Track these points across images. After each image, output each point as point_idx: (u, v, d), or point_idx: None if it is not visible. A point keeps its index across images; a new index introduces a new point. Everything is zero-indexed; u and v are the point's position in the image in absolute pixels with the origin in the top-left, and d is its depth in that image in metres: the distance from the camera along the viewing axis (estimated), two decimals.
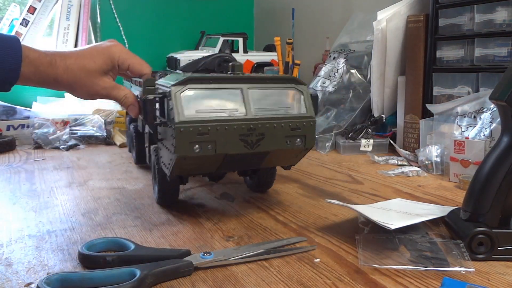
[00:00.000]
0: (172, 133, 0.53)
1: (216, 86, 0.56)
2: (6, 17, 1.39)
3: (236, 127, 0.55)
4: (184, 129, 0.52)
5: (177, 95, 0.53)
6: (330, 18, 1.53)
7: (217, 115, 0.54)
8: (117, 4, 1.61)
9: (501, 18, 0.82)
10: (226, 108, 0.56)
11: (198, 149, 0.53)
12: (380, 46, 1.03)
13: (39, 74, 0.59)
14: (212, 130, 0.54)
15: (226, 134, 0.54)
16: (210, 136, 0.54)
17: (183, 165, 0.56)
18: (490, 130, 0.77)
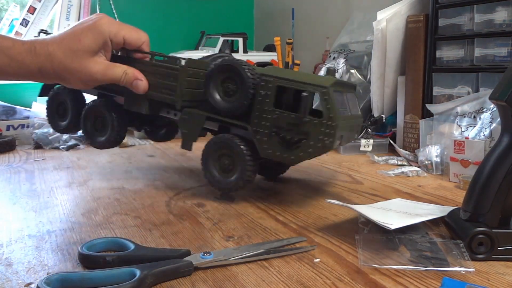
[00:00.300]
0: (326, 128, 0.59)
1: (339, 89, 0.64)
2: (6, 17, 1.39)
3: (350, 125, 0.65)
4: (340, 126, 0.60)
5: (333, 95, 0.60)
6: (330, 18, 1.53)
7: (344, 113, 0.64)
8: (117, 4, 1.61)
9: (501, 18, 0.82)
10: (343, 108, 0.65)
11: (338, 143, 0.62)
12: (380, 46, 1.03)
13: (17, 65, 0.52)
14: (344, 125, 0.62)
15: (348, 128, 0.65)
16: (343, 131, 0.62)
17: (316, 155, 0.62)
18: (490, 130, 0.77)
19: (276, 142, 0.63)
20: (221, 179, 0.67)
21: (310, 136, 0.60)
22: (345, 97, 0.66)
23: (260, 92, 0.62)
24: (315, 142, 0.60)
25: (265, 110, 0.63)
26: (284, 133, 0.62)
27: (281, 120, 0.62)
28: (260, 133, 0.63)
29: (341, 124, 0.60)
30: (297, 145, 0.61)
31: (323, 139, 0.59)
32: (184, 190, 0.76)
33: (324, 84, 0.60)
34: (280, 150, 0.62)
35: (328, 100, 0.59)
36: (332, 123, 0.59)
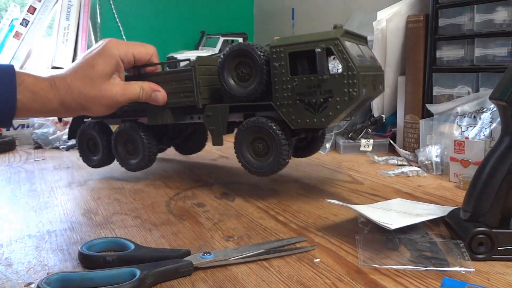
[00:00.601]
0: (348, 80, 0.58)
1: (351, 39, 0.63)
2: (6, 17, 1.39)
3: (371, 73, 0.63)
4: (361, 74, 0.58)
5: (346, 45, 0.58)
6: (330, 18, 1.53)
7: (363, 62, 0.62)
8: (117, 4, 1.61)
9: (501, 18, 0.82)
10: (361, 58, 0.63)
11: (365, 92, 0.60)
12: (380, 46, 1.03)
13: (40, 100, 0.52)
14: (367, 75, 0.61)
15: (370, 79, 0.62)
16: (366, 80, 0.60)
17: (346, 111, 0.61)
18: (490, 130, 0.77)
19: (303, 109, 0.62)
20: (257, 163, 0.67)
21: (334, 92, 0.59)
22: (361, 49, 0.65)
23: (275, 65, 0.62)
24: (341, 96, 0.59)
25: (283, 81, 0.62)
26: (308, 98, 0.61)
27: (301, 85, 0.61)
28: (285, 106, 0.63)
29: (362, 72, 0.59)
30: (324, 105, 0.60)
31: (348, 91, 0.58)
32: (184, 190, 0.76)
33: (335, 36, 0.58)
34: (309, 116, 0.62)
35: (342, 51, 0.58)
36: (352, 72, 0.58)
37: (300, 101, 0.62)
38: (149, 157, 0.79)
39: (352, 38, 0.64)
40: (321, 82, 0.60)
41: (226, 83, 0.67)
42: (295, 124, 0.63)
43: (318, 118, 0.61)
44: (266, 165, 0.66)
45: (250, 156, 0.68)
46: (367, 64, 0.64)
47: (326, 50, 0.59)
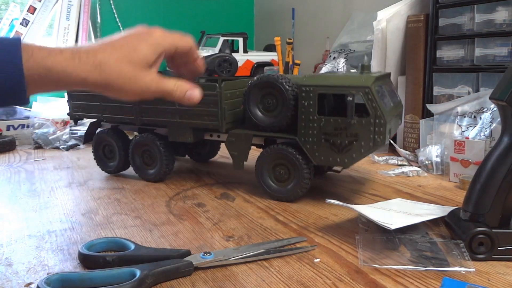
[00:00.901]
0: (376, 126, 0.60)
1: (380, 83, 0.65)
2: (6, 17, 1.39)
3: (394, 116, 0.66)
4: (388, 121, 0.61)
5: (375, 92, 0.60)
6: (330, 18, 1.53)
7: (387, 106, 0.64)
8: (117, 4, 1.61)
9: (501, 18, 0.82)
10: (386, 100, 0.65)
11: (388, 137, 0.63)
12: (380, 46, 1.03)
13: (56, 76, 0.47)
14: (391, 119, 0.63)
15: (392, 122, 0.65)
16: (390, 124, 0.63)
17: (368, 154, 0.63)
18: (490, 130, 0.77)
19: (327, 148, 0.64)
20: (278, 188, 0.69)
21: (360, 136, 0.61)
22: (384, 89, 0.66)
23: (303, 102, 0.64)
24: (366, 141, 0.61)
25: (310, 119, 0.64)
26: (334, 138, 0.63)
27: (328, 125, 0.63)
28: (310, 142, 0.65)
29: (388, 119, 0.61)
30: (348, 147, 0.63)
31: (374, 137, 0.61)
32: (184, 190, 0.76)
33: (366, 84, 0.60)
34: (332, 155, 0.64)
35: (372, 99, 0.60)
36: (381, 121, 0.60)
37: (325, 140, 0.64)
38: (167, 168, 0.80)
39: (380, 80, 0.66)
40: (348, 125, 0.62)
41: (251, 111, 0.68)
42: (318, 161, 0.65)
43: (341, 158, 0.63)
44: (285, 190, 0.68)
45: (271, 180, 0.70)
46: (391, 106, 0.66)
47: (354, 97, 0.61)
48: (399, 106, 0.72)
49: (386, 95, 0.66)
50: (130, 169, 0.93)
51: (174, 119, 0.75)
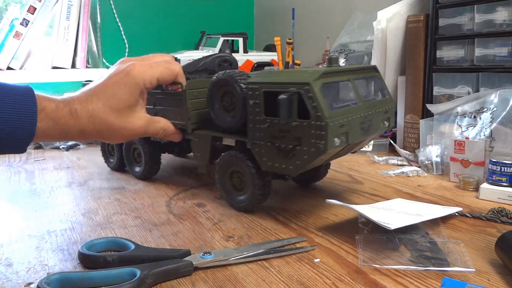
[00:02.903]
0: (317, 130, 0.53)
1: (336, 78, 0.58)
2: (6, 17, 1.39)
3: (359, 116, 0.58)
4: (333, 124, 0.53)
5: (318, 90, 0.53)
6: (330, 18, 1.53)
7: (345, 107, 0.57)
8: (117, 4, 1.61)
9: (501, 18, 0.82)
10: (346, 99, 0.59)
11: (338, 142, 0.55)
12: (380, 46, 1.03)
13: (60, 128, 0.49)
14: (346, 122, 0.55)
15: (353, 124, 0.57)
16: (345, 128, 0.55)
17: (315, 161, 0.56)
18: (490, 130, 0.77)
19: (274, 152, 0.58)
20: (234, 196, 0.65)
21: (302, 140, 0.55)
22: (351, 85, 0.59)
23: (250, 102, 0.58)
24: (308, 147, 0.54)
25: (257, 120, 0.58)
26: (279, 142, 0.57)
27: (273, 128, 0.57)
28: (258, 145, 0.59)
29: (336, 121, 0.53)
30: (292, 153, 0.56)
31: (315, 142, 0.53)
32: (184, 190, 0.76)
33: (306, 80, 0.53)
34: (279, 160, 0.58)
35: (312, 97, 0.52)
36: (320, 123, 0.52)
37: (272, 143, 0.58)
38: (150, 167, 0.81)
39: (341, 75, 0.58)
40: (291, 128, 0.55)
41: (212, 111, 0.65)
42: (266, 166, 0.59)
43: (287, 165, 0.57)
44: (242, 199, 0.64)
45: (230, 187, 0.66)
46: (353, 107, 0.58)
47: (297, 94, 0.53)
48: (377, 106, 0.63)
49: (349, 95, 0.59)
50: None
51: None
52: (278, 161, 0.58)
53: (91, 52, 1.56)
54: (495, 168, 0.69)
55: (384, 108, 0.64)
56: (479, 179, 0.73)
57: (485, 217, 0.60)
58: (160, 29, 1.73)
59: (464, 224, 0.59)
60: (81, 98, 0.51)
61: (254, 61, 1.60)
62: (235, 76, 0.60)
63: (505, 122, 0.74)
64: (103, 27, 1.59)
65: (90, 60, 1.57)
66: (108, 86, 0.53)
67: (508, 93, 0.77)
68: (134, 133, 0.55)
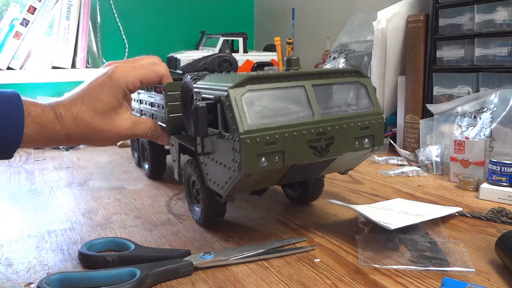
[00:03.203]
0: (234, 146, 0.45)
1: (276, 85, 0.48)
2: (6, 17, 1.39)
3: (305, 133, 0.48)
4: (250, 140, 0.44)
5: (238, 99, 0.45)
6: (330, 18, 1.53)
7: (283, 120, 0.47)
8: (117, 4, 1.61)
9: (501, 18, 0.82)
10: (291, 111, 0.48)
11: (265, 163, 0.46)
12: (380, 46, 1.03)
13: (47, 132, 0.49)
14: (280, 138, 0.46)
15: (295, 141, 0.47)
16: (278, 145, 0.46)
17: (245, 183, 0.48)
18: (490, 130, 0.77)
19: (212, 167, 0.51)
20: (193, 207, 0.61)
21: (226, 157, 0.47)
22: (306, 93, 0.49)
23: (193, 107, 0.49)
24: (231, 165, 0.47)
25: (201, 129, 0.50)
26: (213, 156, 0.50)
27: (209, 141, 0.50)
28: (201, 157, 0.53)
29: (258, 138, 0.44)
30: (222, 170, 0.49)
31: (234, 160, 0.46)
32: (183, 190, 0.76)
33: (226, 87, 0.45)
34: (215, 177, 0.51)
35: (230, 106, 0.45)
36: (235, 138, 0.44)
37: (209, 156, 0.51)
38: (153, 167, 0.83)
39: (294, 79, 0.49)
40: (217, 142, 0.48)
41: (183, 115, 0.60)
42: (208, 182, 0.53)
43: (220, 183, 0.50)
44: (198, 212, 0.59)
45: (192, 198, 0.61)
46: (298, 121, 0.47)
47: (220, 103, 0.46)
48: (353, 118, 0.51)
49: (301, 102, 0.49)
50: (130, 168, 0.93)
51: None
52: (215, 178, 0.51)
53: (91, 52, 1.56)
54: (495, 168, 0.69)
55: (360, 122, 0.52)
56: (479, 179, 0.73)
57: (485, 217, 0.60)
58: (160, 29, 1.73)
59: (464, 224, 0.59)
60: (65, 102, 0.51)
61: (254, 61, 1.60)
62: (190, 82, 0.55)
63: (505, 122, 0.74)
64: (103, 27, 1.59)
65: (90, 60, 1.57)
66: (91, 89, 0.53)
67: (508, 93, 0.77)
68: (120, 136, 0.54)
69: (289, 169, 0.49)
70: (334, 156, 0.51)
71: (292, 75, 0.49)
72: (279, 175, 0.51)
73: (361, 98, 0.54)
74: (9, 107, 0.46)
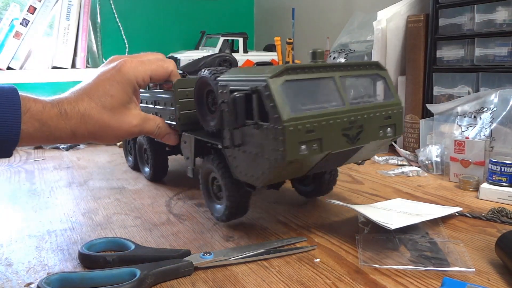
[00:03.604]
0: (275, 135, 0.45)
1: (310, 75, 0.49)
2: (6, 17, 1.39)
3: (339, 121, 0.49)
4: (293, 128, 0.45)
5: (278, 88, 0.45)
6: (330, 18, 1.53)
7: (319, 109, 0.48)
8: (117, 4, 1.61)
9: (501, 18, 0.82)
10: (323, 100, 0.50)
11: (306, 150, 0.47)
12: (380, 46, 1.03)
13: (48, 130, 0.46)
14: (318, 126, 0.47)
15: (331, 129, 0.48)
16: (316, 133, 0.47)
17: (283, 171, 0.49)
18: (490, 130, 0.77)
19: (243, 159, 0.52)
20: (213, 205, 0.61)
21: (265, 148, 0.47)
22: (335, 84, 0.51)
23: (220, 102, 0.52)
24: (269, 155, 0.47)
25: (228, 121, 0.52)
26: (245, 148, 0.51)
27: (241, 131, 0.51)
28: (229, 151, 0.54)
29: (300, 125, 0.46)
30: (256, 161, 0.49)
31: (275, 149, 0.46)
32: (184, 190, 0.76)
33: (264, 77, 0.46)
34: (247, 169, 0.51)
35: (270, 96, 0.45)
36: (277, 126, 0.45)
37: (239, 148, 0.52)
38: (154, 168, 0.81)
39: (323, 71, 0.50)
40: (254, 132, 0.48)
41: (197, 112, 0.60)
42: (238, 175, 0.54)
43: (253, 174, 0.51)
44: (219, 209, 0.59)
45: (211, 195, 0.61)
46: (333, 109, 0.49)
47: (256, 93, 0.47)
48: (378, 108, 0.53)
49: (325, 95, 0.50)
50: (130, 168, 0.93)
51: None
52: (246, 169, 0.52)
53: (91, 52, 1.56)
54: (495, 168, 0.69)
55: (384, 112, 0.54)
56: (479, 179, 0.73)
57: (485, 217, 0.60)
58: (160, 29, 1.73)
59: (464, 224, 0.59)
60: (70, 98, 0.49)
61: (254, 61, 1.60)
62: (210, 76, 0.56)
63: (505, 122, 0.74)
64: (103, 27, 1.59)
65: (90, 60, 1.57)
66: (99, 84, 0.50)
67: (508, 93, 0.77)
68: (129, 132, 0.53)
69: (323, 157, 0.50)
70: (363, 144, 0.53)
71: (323, 66, 0.51)
72: (313, 163, 0.52)
73: (382, 89, 0.57)
74: (5, 103, 0.44)
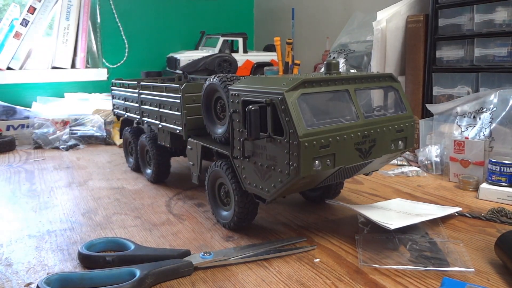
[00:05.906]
0: (289, 149, 0.45)
1: (325, 89, 0.48)
2: (6, 17, 1.39)
3: (353, 136, 0.48)
4: (308, 144, 0.44)
5: (294, 102, 0.45)
6: (330, 18, 1.53)
7: (333, 123, 0.47)
8: (117, 4, 1.61)
9: (501, 18, 0.82)
10: (338, 114, 0.49)
11: (319, 166, 0.46)
12: (380, 46, 1.03)
13: None
14: (332, 141, 0.47)
15: (344, 144, 0.48)
16: (331, 149, 0.46)
17: (295, 185, 0.48)
18: (489, 130, 0.77)
19: (252, 170, 0.51)
20: (219, 210, 0.60)
21: (278, 161, 0.47)
22: (350, 97, 0.50)
23: (231, 111, 0.52)
24: (283, 168, 0.46)
25: (237, 132, 0.51)
26: (256, 159, 0.50)
27: (252, 143, 0.50)
28: (238, 161, 0.53)
29: (314, 141, 0.45)
30: (269, 174, 0.48)
31: (289, 163, 0.46)
32: (184, 190, 0.76)
33: (281, 90, 0.45)
34: (257, 180, 0.50)
35: (286, 110, 0.45)
36: (293, 141, 0.44)
37: (249, 160, 0.51)
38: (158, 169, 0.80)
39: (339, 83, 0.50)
40: (267, 144, 0.48)
41: (204, 118, 0.60)
42: (246, 185, 0.53)
43: (264, 186, 0.50)
44: (226, 215, 0.58)
45: (217, 200, 0.60)
46: (347, 123, 0.48)
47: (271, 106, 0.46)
48: (391, 121, 0.53)
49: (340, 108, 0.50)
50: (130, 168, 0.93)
51: (158, 122, 0.74)
52: (256, 180, 0.51)
53: (91, 52, 1.56)
54: (495, 168, 0.69)
55: (396, 125, 0.53)
56: (479, 179, 0.73)
57: (485, 217, 0.60)
58: (160, 29, 1.73)
59: (464, 224, 0.59)
60: None
61: (254, 61, 1.60)
62: (222, 82, 0.55)
63: (505, 122, 0.74)
64: (103, 27, 1.59)
65: (90, 60, 1.57)
66: None
67: (507, 93, 0.77)
68: None
69: (335, 171, 0.49)
70: (375, 158, 0.52)
71: (338, 79, 0.50)
72: (324, 177, 0.51)
73: (395, 102, 0.55)
74: None
